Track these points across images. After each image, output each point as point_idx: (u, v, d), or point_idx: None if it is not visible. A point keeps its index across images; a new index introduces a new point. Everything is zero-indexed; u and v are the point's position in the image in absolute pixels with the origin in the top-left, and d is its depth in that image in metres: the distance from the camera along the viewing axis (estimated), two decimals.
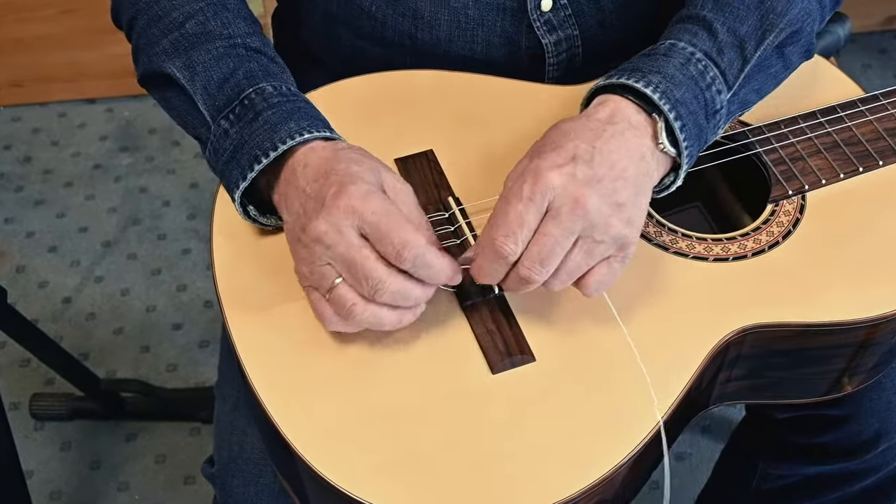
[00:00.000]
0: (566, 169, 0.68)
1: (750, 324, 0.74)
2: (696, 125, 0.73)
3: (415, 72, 0.87)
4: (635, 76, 0.73)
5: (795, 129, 0.86)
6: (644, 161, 0.71)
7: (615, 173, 0.69)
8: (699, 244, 0.79)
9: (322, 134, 0.73)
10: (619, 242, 0.70)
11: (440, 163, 0.82)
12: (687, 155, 0.73)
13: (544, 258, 0.68)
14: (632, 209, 0.70)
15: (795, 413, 0.92)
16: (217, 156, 0.74)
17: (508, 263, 0.69)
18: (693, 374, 0.72)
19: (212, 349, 1.55)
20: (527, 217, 0.68)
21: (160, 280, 1.65)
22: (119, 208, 1.75)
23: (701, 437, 1.44)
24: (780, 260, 0.78)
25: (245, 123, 0.73)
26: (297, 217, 0.71)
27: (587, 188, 0.68)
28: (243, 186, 0.73)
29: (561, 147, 0.70)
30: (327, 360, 0.71)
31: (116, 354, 1.56)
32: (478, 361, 0.72)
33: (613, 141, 0.70)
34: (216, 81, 0.75)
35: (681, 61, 0.74)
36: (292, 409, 0.69)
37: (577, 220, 0.68)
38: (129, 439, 1.47)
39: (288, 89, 0.75)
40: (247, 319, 0.73)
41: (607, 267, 0.71)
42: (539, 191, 0.68)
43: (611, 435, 0.69)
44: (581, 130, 0.71)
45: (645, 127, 0.72)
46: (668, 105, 0.72)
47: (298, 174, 0.71)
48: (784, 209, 0.82)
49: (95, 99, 1.91)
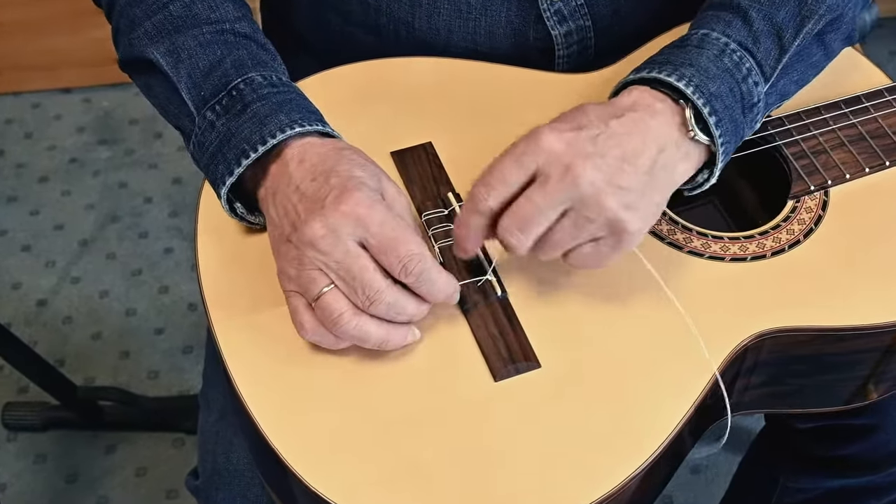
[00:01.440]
0: (566, 135, 0.68)
1: (769, 328, 0.74)
2: (731, 120, 0.73)
3: (413, 59, 0.87)
4: (667, 69, 0.73)
5: (818, 120, 0.86)
6: (664, 153, 0.71)
7: (623, 154, 0.69)
8: (715, 243, 0.79)
9: (315, 128, 0.73)
10: (613, 226, 0.69)
11: (439, 156, 0.82)
12: (723, 152, 0.73)
13: (522, 225, 0.68)
14: (637, 197, 0.69)
15: (817, 423, 0.92)
16: (202, 150, 0.74)
17: (483, 216, 0.69)
18: (709, 380, 0.72)
19: (196, 355, 1.56)
20: (508, 173, 0.68)
21: (141, 281, 1.65)
22: (97, 205, 1.75)
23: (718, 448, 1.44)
24: (801, 260, 0.78)
25: (232, 116, 0.73)
26: (286, 214, 0.71)
27: (581, 159, 0.67)
28: (230, 182, 0.73)
29: (570, 118, 0.70)
30: (320, 366, 0.71)
31: (94, 360, 1.56)
32: (479, 368, 0.72)
33: (631, 125, 0.70)
34: (202, 70, 0.75)
35: (715, 52, 0.74)
36: (283, 418, 0.69)
37: (564, 191, 0.67)
38: (107, 451, 1.47)
39: (279, 79, 0.75)
40: (234, 323, 0.73)
41: (593, 247, 0.70)
42: (531, 151, 0.68)
43: (621, 446, 0.69)
44: (600, 111, 0.71)
45: (671, 115, 0.72)
46: (703, 99, 0.72)
47: (292, 169, 0.71)
48: (805, 206, 0.82)
49: (72, 88, 1.91)
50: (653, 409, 0.71)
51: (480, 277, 0.75)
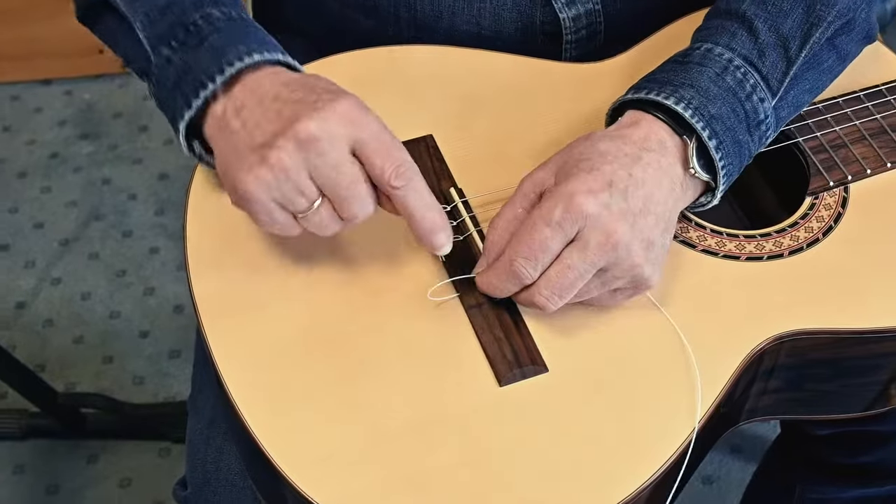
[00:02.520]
0: (602, 197, 0.69)
1: (787, 330, 0.74)
2: (734, 142, 0.74)
3: (413, 47, 0.87)
4: (665, 90, 0.74)
5: (837, 113, 0.86)
6: (673, 193, 0.73)
7: (648, 207, 0.71)
8: (730, 241, 0.79)
9: (275, 56, 0.72)
10: (637, 280, 0.72)
11: (441, 150, 0.82)
12: (725, 174, 0.74)
13: (564, 290, 0.70)
14: (659, 249, 0.72)
15: (837, 429, 0.92)
16: (160, 88, 0.73)
17: (522, 286, 0.71)
18: (724, 386, 0.72)
19: (183, 359, 1.55)
20: (552, 244, 0.69)
21: (125, 282, 1.64)
22: (79, 202, 1.75)
23: (731, 457, 1.44)
24: (820, 259, 0.78)
25: (189, 48, 0.72)
26: (260, 124, 0.68)
27: (620, 223, 0.69)
28: (188, 116, 0.71)
29: (597, 170, 0.71)
30: (316, 370, 0.71)
31: (76, 366, 1.55)
32: (483, 372, 0.72)
33: (650, 169, 0.72)
34: (159, 8, 0.73)
35: (716, 71, 0.74)
36: (276, 422, 0.69)
37: (605, 256, 0.69)
38: (90, 461, 1.47)
39: (238, 15, 0.74)
40: (225, 324, 0.73)
41: (610, 296, 0.73)
42: (570, 218, 0.69)
43: (632, 454, 0.69)
44: (618, 154, 0.72)
45: (676, 151, 0.74)
46: (702, 123, 0.73)
47: (265, 84, 0.69)
48: (824, 202, 0.82)
49: (52, 79, 1.90)
50: (665, 417, 0.71)
51: (462, 276, 0.75)
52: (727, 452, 1.45)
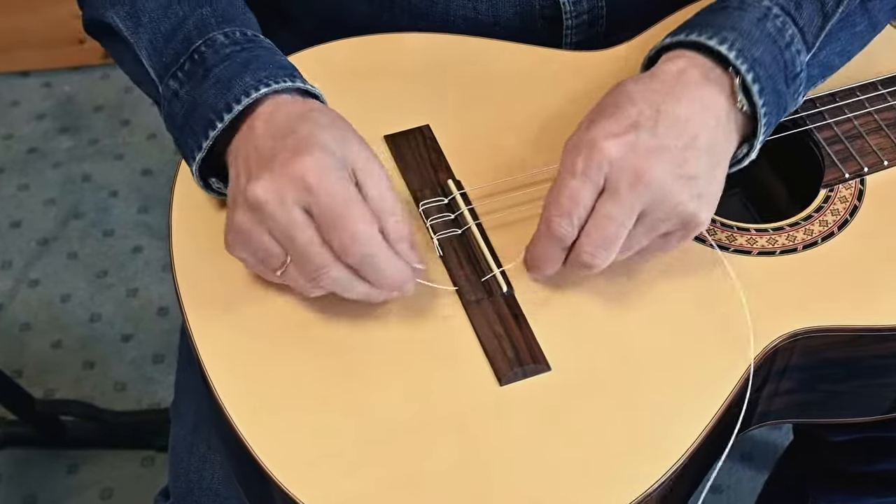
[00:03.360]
0: (626, 138, 0.69)
1: (801, 328, 0.74)
2: (774, 91, 0.74)
3: (409, 34, 0.87)
4: (707, 32, 0.73)
5: (853, 102, 0.86)
6: (720, 126, 0.72)
7: (684, 141, 0.70)
8: (741, 235, 0.79)
9: (284, 84, 0.72)
10: (685, 220, 0.71)
11: (438, 140, 0.82)
12: (765, 123, 0.74)
13: (608, 243, 0.70)
14: (705, 183, 0.71)
15: (852, 435, 0.92)
16: (171, 123, 0.75)
17: (565, 246, 0.71)
18: (734, 387, 0.72)
19: (167, 364, 1.55)
20: (582, 194, 0.69)
21: (107, 284, 1.64)
22: (58, 200, 1.75)
23: (741, 465, 1.44)
24: (835, 253, 0.78)
25: (195, 82, 0.73)
26: (239, 174, 0.70)
27: (650, 159, 0.69)
28: (200, 157, 0.72)
29: (620, 112, 0.71)
30: (308, 369, 0.71)
31: (55, 371, 1.55)
32: (483, 371, 0.72)
33: (684, 101, 0.71)
34: (164, 34, 0.75)
35: (757, 16, 0.74)
36: (267, 425, 0.69)
37: (640, 197, 0.69)
38: (70, 471, 1.46)
39: (244, 35, 0.75)
40: (213, 323, 0.73)
41: (662, 241, 0.72)
42: (594, 165, 0.69)
43: (638, 458, 0.69)
44: (645, 93, 0.72)
45: (720, 83, 0.73)
46: (746, 65, 0.72)
47: (258, 127, 0.71)
48: (840, 195, 0.82)
49: (30, 71, 1.90)
50: (673, 418, 0.71)
51: (432, 285, 0.74)
52: (737, 460, 1.45)
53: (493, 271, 0.75)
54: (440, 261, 0.76)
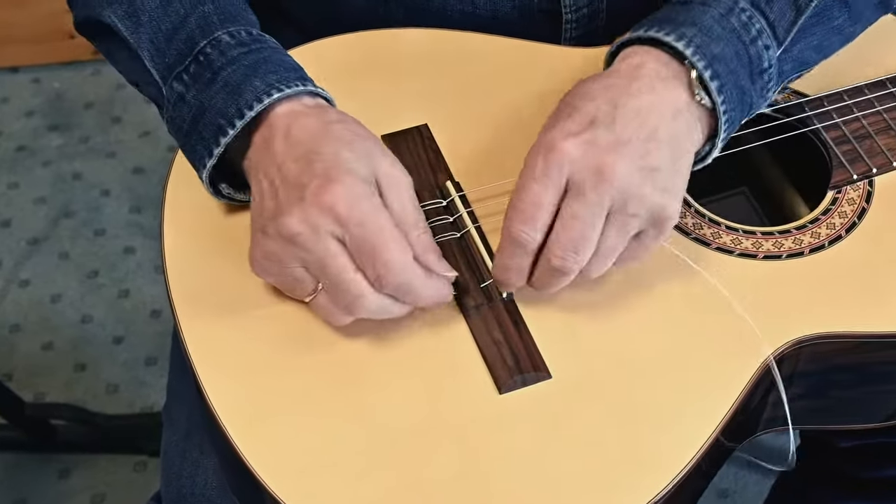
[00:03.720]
0: (584, 136, 0.69)
1: (808, 334, 0.74)
2: (737, 87, 0.74)
3: (406, 30, 0.87)
4: (665, 28, 0.73)
5: (861, 101, 0.86)
6: (680, 117, 0.72)
7: (645, 133, 0.70)
8: (746, 239, 0.79)
9: (296, 89, 0.72)
10: (655, 214, 0.70)
11: (436, 140, 0.82)
12: (726, 120, 0.74)
13: (577, 245, 0.69)
14: (669, 175, 0.70)
15: (861, 441, 0.92)
16: (176, 127, 0.74)
17: (530, 253, 0.70)
18: (739, 394, 0.72)
19: (160, 367, 1.55)
20: (543, 197, 0.69)
21: (98, 284, 1.64)
22: (48, 198, 1.75)
23: (747, 471, 1.44)
24: (843, 257, 0.78)
25: (202, 86, 0.73)
26: (264, 197, 0.70)
27: (611, 154, 0.68)
28: (210, 165, 0.72)
29: (576, 111, 0.70)
30: (303, 377, 0.71)
31: (45, 374, 1.55)
32: (482, 379, 0.72)
33: (642, 96, 0.71)
34: (165, 33, 0.74)
35: (721, 11, 0.74)
36: (261, 434, 0.69)
37: (605, 194, 0.68)
38: (61, 475, 1.46)
39: (248, 34, 0.74)
40: (206, 327, 0.73)
41: (638, 244, 0.72)
42: (554, 166, 0.68)
43: (641, 468, 0.69)
44: (600, 90, 0.71)
45: (678, 76, 0.73)
46: (704, 62, 0.72)
47: (277, 144, 0.71)
48: (847, 197, 0.82)
49: (19, 67, 1.90)
50: (677, 426, 0.70)
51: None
52: (743, 465, 1.45)
53: (492, 276, 0.74)
54: None
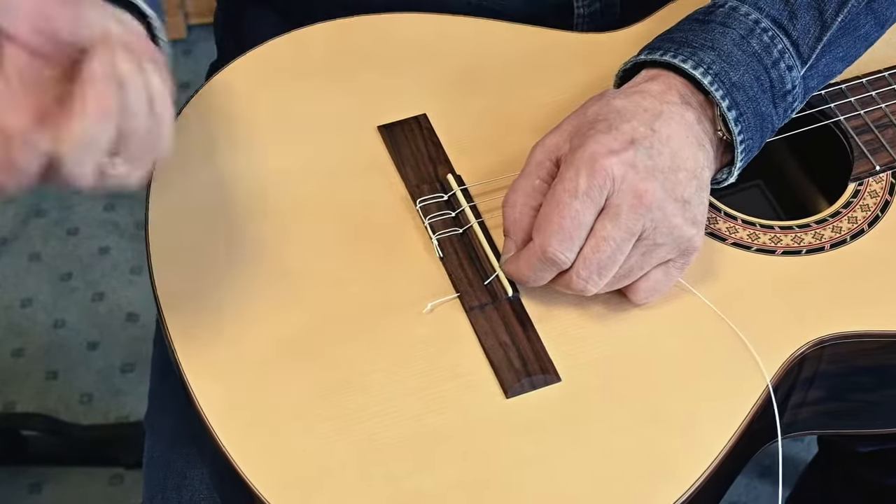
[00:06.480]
0: (626, 156, 0.70)
1: (829, 333, 0.74)
2: (756, 114, 0.75)
3: (402, 15, 0.86)
4: (683, 52, 0.74)
5: (884, 89, 0.86)
6: (703, 149, 0.73)
7: (676, 163, 0.71)
8: (764, 233, 0.79)
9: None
10: (681, 246, 0.72)
11: (436, 130, 0.82)
12: (743, 150, 0.75)
13: (603, 266, 0.70)
14: (696, 206, 0.72)
15: (882, 445, 0.93)
16: None
17: (560, 269, 0.71)
18: (758, 398, 0.72)
19: (137, 374, 1.55)
20: (584, 217, 0.70)
21: (70, 287, 1.64)
22: (18, 196, 1.74)
23: (759, 481, 1.45)
24: (865, 253, 0.78)
25: None
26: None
27: (650, 181, 0.70)
28: None
29: (616, 128, 0.71)
30: (301, 381, 0.71)
31: (16, 382, 1.55)
32: (488, 382, 0.72)
33: (673, 124, 0.72)
34: None
35: (741, 33, 0.75)
36: (256, 443, 0.69)
37: (639, 219, 0.70)
38: (32, 490, 1.46)
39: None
40: (195, 327, 0.73)
41: (663, 273, 0.73)
42: (597, 184, 0.69)
43: (655, 477, 0.69)
44: (636, 110, 0.72)
45: (703, 108, 0.74)
46: (722, 91, 0.73)
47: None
48: (870, 189, 0.82)
49: None
50: (692, 433, 0.71)
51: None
52: (755, 476, 1.45)
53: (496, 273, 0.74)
54: (440, 263, 0.76)
